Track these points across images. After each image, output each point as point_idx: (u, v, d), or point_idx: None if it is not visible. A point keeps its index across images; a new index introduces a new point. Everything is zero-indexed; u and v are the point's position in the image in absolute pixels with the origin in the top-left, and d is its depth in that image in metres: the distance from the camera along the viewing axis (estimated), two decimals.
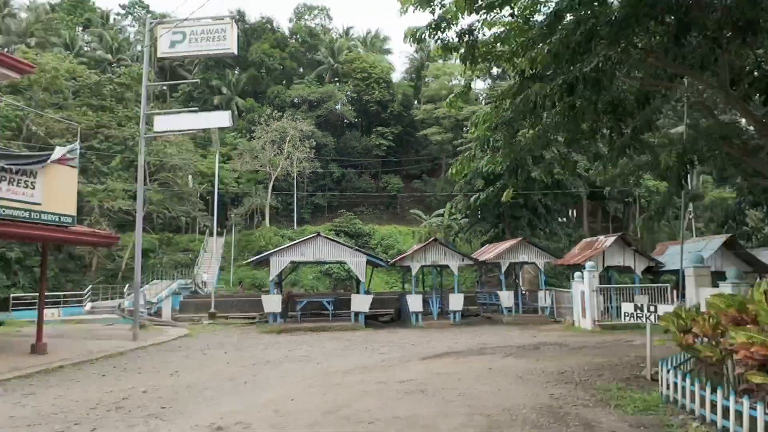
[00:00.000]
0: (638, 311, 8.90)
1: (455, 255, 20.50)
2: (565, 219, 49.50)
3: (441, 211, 45.17)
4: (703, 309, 7.88)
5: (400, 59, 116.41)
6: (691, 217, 29.76)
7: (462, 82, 18.41)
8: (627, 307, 9.06)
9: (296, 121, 50.78)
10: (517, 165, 13.70)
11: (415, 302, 19.91)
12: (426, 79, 69.56)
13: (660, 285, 19.23)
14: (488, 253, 22.57)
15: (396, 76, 71.40)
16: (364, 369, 10.85)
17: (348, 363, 11.70)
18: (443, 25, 10.56)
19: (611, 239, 20.92)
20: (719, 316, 6.02)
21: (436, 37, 10.89)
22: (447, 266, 21.04)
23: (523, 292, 25.15)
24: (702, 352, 6.50)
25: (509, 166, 13.56)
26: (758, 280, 11.00)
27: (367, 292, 20.95)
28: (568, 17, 8.83)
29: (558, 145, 18.39)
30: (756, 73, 10.33)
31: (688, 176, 19.54)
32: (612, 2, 8.45)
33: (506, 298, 20.73)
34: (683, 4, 7.48)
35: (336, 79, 66.10)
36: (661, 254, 22.59)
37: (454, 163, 13.13)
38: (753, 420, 5.20)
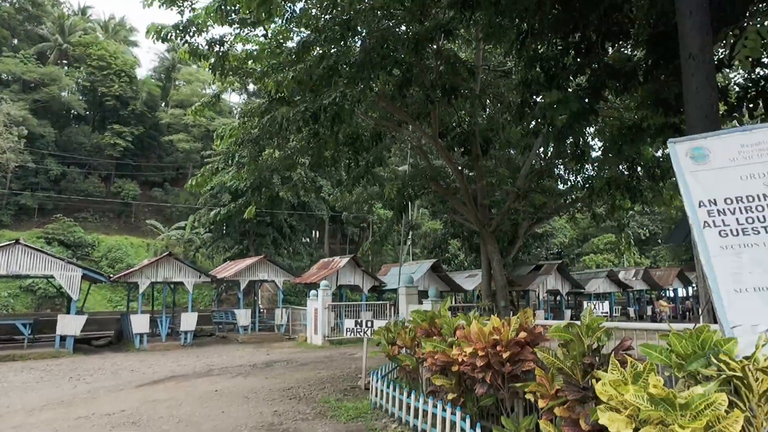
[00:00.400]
0: (358, 326, 9.78)
1: (191, 271, 19.32)
2: (308, 239, 51.82)
3: (182, 223, 42.26)
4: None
5: (148, 55, 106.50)
6: (409, 243, 34.52)
7: (215, 92, 17.76)
8: (349, 323, 9.87)
9: (1, 101, 41.26)
10: (261, 183, 13.81)
11: (139, 322, 17.94)
12: (177, 82, 65.06)
13: (382, 302, 21.66)
14: (228, 270, 21.97)
15: (142, 73, 64.73)
16: (60, 403, 9.17)
17: (39, 398, 9.73)
18: (192, 29, 10.06)
19: (345, 260, 22.71)
20: (416, 329, 7.05)
21: (184, 40, 10.30)
22: (182, 283, 19.66)
23: (261, 310, 25.20)
24: (403, 361, 7.48)
25: (253, 183, 13.57)
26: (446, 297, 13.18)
27: (80, 312, 18.01)
28: (317, 50, 9.43)
29: (304, 168, 19.24)
30: (458, 129, 12.79)
31: (408, 208, 22.70)
32: (353, 46, 9.33)
33: (243, 316, 20.43)
34: (407, 63, 8.75)
35: (65, 62, 56.36)
36: (385, 275, 25.55)
37: (195, 176, 12.49)
38: (439, 418, 6.18)
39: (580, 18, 7.64)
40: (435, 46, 9.66)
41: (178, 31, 9.84)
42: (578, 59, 8.81)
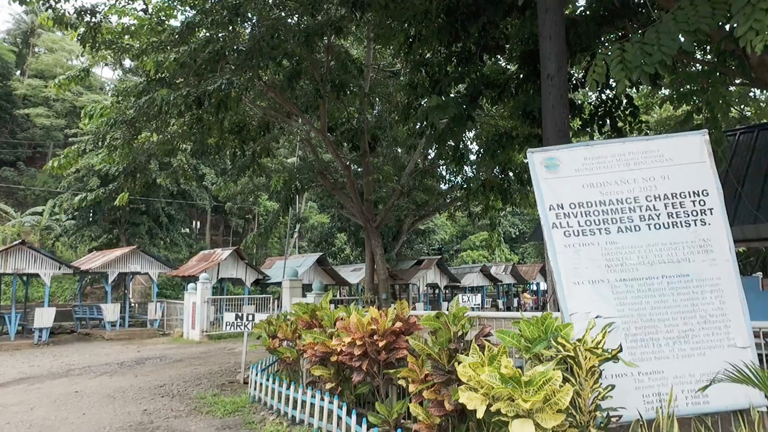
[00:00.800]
0: (238, 320, 9.58)
1: (49, 261, 17.39)
2: (188, 230, 49.07)
3: (39, 208, 37.78)
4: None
5: (1, 15, 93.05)
6: (296, 236, 34.23)
7: (84, 64, 16.18)
8: (229, 317, 9.63)
9: None
10: (136, 168, 12.87)
11: None
12: (37, 49, 57.72)
13: (266, 296, 21.28)
14: (94, 261, 20.10)
15: None
16: None
17: None
18: None
19: (227, 252, 21.94)
20: (297, 322, 7.11)
21: (48, 4, 9.29)
22: (37, 275, 17.62)
23: (133, 305, 23.45)
24: (284, 354, 7.50)
25: (127, 168, 12.61)
26: (328, 291, 13.43)
27: None
28: (203, 32, 9.03)
29: (185, 155, 18.25)
30: (347, 125, 13.00)
31: (296, 200, 22.52)
32: (242, 32, 9.09)
33: (110, 311, 18.85)
34: (297, 55, 8.74)
35: None
36: (269, 268, 25.10)
37: (58, 156, 11.28)
38: (317, 407, 6.31)
39: (462, 29, 8.19)
40: (326, 41, 9.73)
41: None
42: (459, 68, 9.43)
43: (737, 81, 7.17)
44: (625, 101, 9.55)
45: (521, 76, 9.32)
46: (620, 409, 3.68)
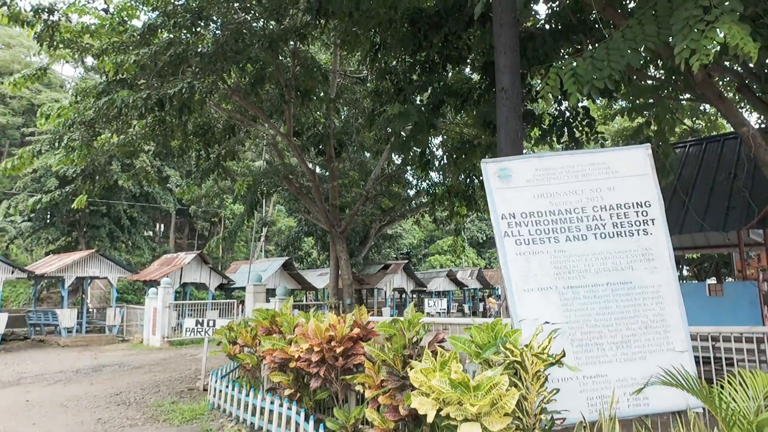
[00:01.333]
0: (199, 326, 9.45)
1: (2, 266, 16.74)
2: (151, 233, 47.90)
3: None
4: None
5: None
6: (263, 240, 33.88)
7: (43, 62, 15.67)
8: (189, 323, 9.49)
9: None
10: (95, 170, 12.55)
11: None
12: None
13: (230, 301, 20.98)
14: (50, 264, 19.42)
15: None
16: None
17: None
18: None
19: (190, 256, 21.54)
20: (257, 328, 7.08)
21: (2, 2, 9.01)
22: None
23: (91, 310, 22.76)
24: (244, 360, 7.44)
25: (85, 169, 12.27)
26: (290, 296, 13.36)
27: None
28: (165, 35, 8.90)
29: (148, 156, 17.88)
30: (313, 130, 13.00)
31: (263, 204, 22.30)
32: (206, 36, 9.01)
33: (67, 317, 18.24)
34: (262, 60, 8.72)
35: None
36: (234, 272, 24.75)
37: (12, 157, 10.89)
38: (275, 414, 6.29)
39: (425, 39, 8.35)
40: (292, 46, 9.72)
41: None
42: (423, 76, 9.59)
43: (685, 96, 7.56)
44: (582, 113, 9.88)
45: (483, 86, 9.54)
46: (565, 412, 3.83)
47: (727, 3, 4.73)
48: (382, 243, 32.38)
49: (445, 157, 13.87)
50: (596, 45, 5.68)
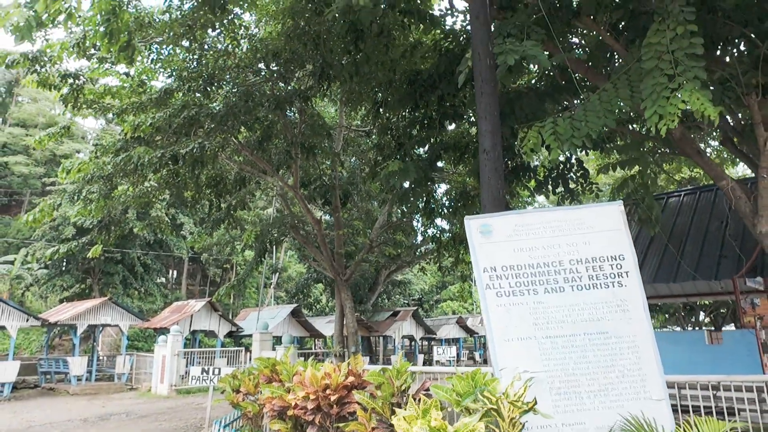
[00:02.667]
0: (204, 374, 9.66)
1: (16, 313, 17.16)
2: (164, 279, 48.38)
3: (11, 257, 37.10)
4: None
5: None
6: (272, 286, 34.13)
7: (66, 116, 16.60)
8: (195, 371, 9.70)
9: None
10: (111, 221, 13.11)
11: None
12: (20, 98, 58.21)
13: (237, 348, 21.08)
14: (63, 312, 19.82)
15: None
16: None
17: None
18: (44, 60, 9.63)
19: (200, 304, 21.84)
20: (259, 376, 7.29)
21: (33, 69, 9.81)
22: (3, 327, 17.33)
23: (101, 357, 22.96)
24: (246, 408, 7.61)
25: (101, 221, 12.83)
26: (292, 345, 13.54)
27: None
28: (180, 97, 9.58)
29: (163, 206, 18.50)
30: (319, 182, 13.55)
31: (274, 251, 22.69)
32: (217, 98, 9.68)
33: (77, 364, 18.46)
34: (269, 120, 9.32)
35: None
36: (243, 319, 24.92)
37: (32, 210, 11.50)
38: None
39: (421, 98, 8.89)
40: (298, 105, 10.33)
41: (27, 61, 9.35)
42: (422, 132, 10.11)
43: (666, 151, 7.94)
44: (576, 164, 10.27)
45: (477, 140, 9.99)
46: None
47: (689, 72, 5.15)
48: (392, 289, 32.43)
49: (449, 204, 14.24)
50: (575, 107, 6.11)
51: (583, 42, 8.28)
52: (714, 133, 9.65)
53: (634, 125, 8.22)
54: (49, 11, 5.53)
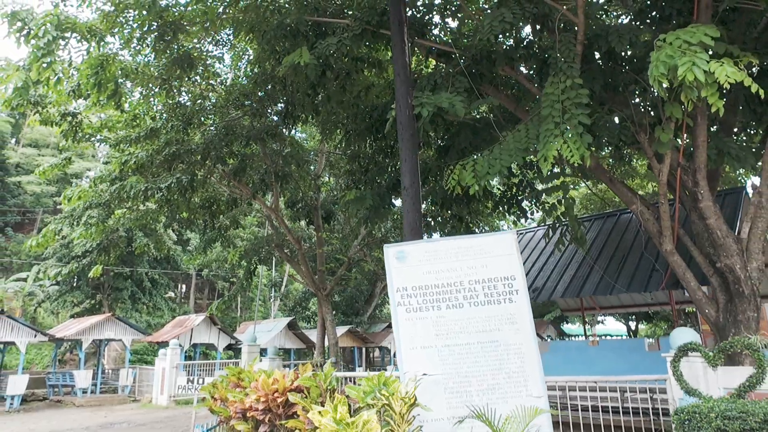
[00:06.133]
0: (189, 383, 10.62)
1: (26, 330, 18.31)
2: (173, 294, 49.53)
3: (24, 274, 38.52)
4: None
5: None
6: (272, 300, 35.13)
7: (67, 150, 17.75)
8: (181, 380, 10.67)
9: None
10: (109, 244, 14.23)
11: None
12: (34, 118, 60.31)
13: (236, 360, 22.03)
14: (69, 328, 20.97)
15: None
16: None
17: None
18: (45, 103, 10.78)
19: (200, 318, 22.87)
20: (228, 383, 8.25)
21: (36, 110, 10.97)
22: (13, 343, 18.48)
23: (107, 371, 24.06)
24: (219, 413, 8.57)
25: (99, 244, 13.95)
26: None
27: None
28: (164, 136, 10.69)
29: (160, 227, 19.60)
30: (300, 204, 14.60)
31: (274, 265, 23.68)
32: (196, 135, 10.78)
33: (83, 378, 19.54)
34: (242, 155, 10.38)
35: None
36: (243, 333, 25.89)
37: (35, 236, 12.65)
38: None
39: (378, 131, 9.90)
40: (268, 140, 11.34)
41: (29, 104, 10.51)
42: (385, 160, 11.10)
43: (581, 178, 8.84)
44: (528, 187, 11.20)
45: (437, 167, 10.97)
46: None
47: (574, 118, 6.10)
48: (389, 301, 33.22)
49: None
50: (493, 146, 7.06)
51: (512, 86, 9.26)
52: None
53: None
54: (41, 78, 6.61)
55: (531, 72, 8.42)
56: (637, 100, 7.64)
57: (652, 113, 7.25)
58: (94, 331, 20.46)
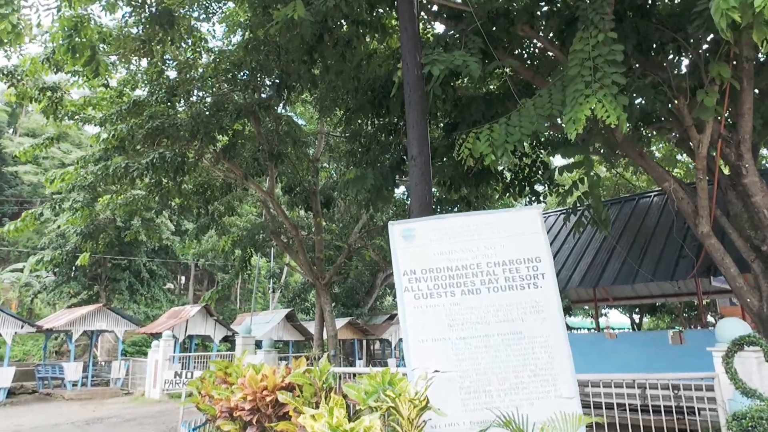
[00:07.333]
0: (177, 378, 9.88)
1: (12, 321, 17.56)
2: (172, 285, 48.87)
3: (20, 265, 37.81)
4: None
5: None
6: (271, 291, 34.44)
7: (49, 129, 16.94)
8: (167, 375, 9.93)
9: None
10: (96, 229, 13.44)
11: None
12: (30, 108, 59.44)
13: (232, 352, 21.33)
14: (59, 319, 20.24)
15: None
16: None
17: None
18: (20, 74, 9.97)
19: (196, 309, 22.16)
20: (215, 379, 7.49)
21: (10, 83, 10.16)
22: None
23: (100, 363, 23.37)
24: (205, 410, 7.82)
25: (84, 230, 13.16)
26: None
27: None
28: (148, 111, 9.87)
29: (151, 213, 18.79)
30: (298, 188, 13.79)
31: (273, 256, 22.94)
32: (182, 108, 9.96)
33: (72, 370, 18.83)
34: (232, 129, 9.57)
35: None
36: (240, 324, 25.18)
37: (13, 221, 11.86)
38: None
39: (381, 105, 9.07)
40: (261, 114, 10.51)
41: (3, 75, 9.69)
42: (388, 138, 10.28)
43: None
44: (541, 167, 10.39)
45: (444, 145, 10.15)
46: None
47: (607, 78, 5.28)
48: (390, 292, 32.51)
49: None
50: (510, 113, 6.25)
51: (533, 50, 8.42)
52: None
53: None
54: None
55: (552, 37, 7.57)
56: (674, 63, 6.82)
57: (688, 78, 6.43)
58: (84, 321, 19.74)
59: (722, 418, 5.01)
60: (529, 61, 8.59)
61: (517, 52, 8.18)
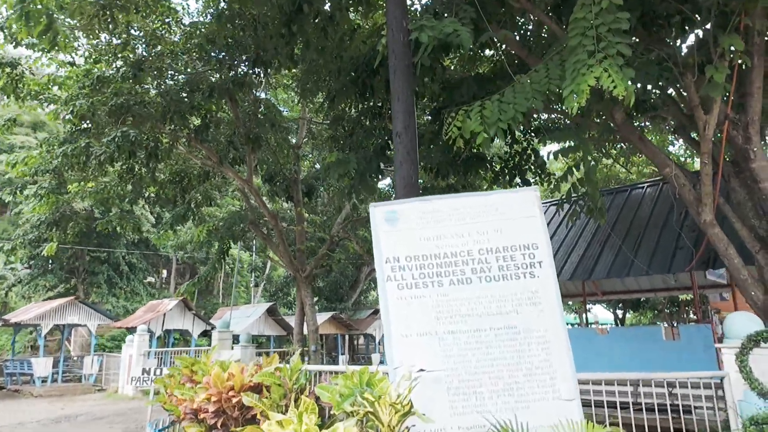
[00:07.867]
0: (145, 375, 9.28)
1: None
2: (153, 279, 47.82)
3: None
4: None
5: None
6: (255, 285, 33.72)
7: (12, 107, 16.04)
8: (135, 372, 9.32)
9: None
10: (62, 217, 12.69)
11: None
12: (5, 98, 57.67)
13: (208, 348, 20.66)
14: (27, 312, 19.37)
15: None
16: None
17: None
18: None
19: (173, 303, 21.41)
20: (180, 377, 6.90)
21: None
22: None
23: (73, 358, 22.52)
24: (171, 411, 7.22)
25: (48, 218, 12.41)
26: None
27: None
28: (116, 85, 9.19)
29: (125, 203, 18.02)
30: (279, 177, 13.16)
31: (255, 248, 22.18)
32: (149, 88, 9.28)
33: (41, 366, 18.02)
34: (205, 109, 8.94)
35: None
36: (220, 318, 24.48)
37: None
38: None
39: (364, 85, 8.51)
40: (240, 88, 9.85)
41: None
42: (373, 122, 9.73)
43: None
44: (532, 154, 9.93)
45: (432, 130, 9.63)
46: None
47: (612, 48, 4.79)
48: (374, 286, 32.03)
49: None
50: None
51: (527, 28, 7.94)
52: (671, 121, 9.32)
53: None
54: None
55: (548, 11, 7.08)
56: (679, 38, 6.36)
57: (695, 53, 5.97)
58: (55, 315, 18.90)
59: (733, 421, 4.58)
60: (523, 41, 8.10)
61: (511, 28, 7.68)
